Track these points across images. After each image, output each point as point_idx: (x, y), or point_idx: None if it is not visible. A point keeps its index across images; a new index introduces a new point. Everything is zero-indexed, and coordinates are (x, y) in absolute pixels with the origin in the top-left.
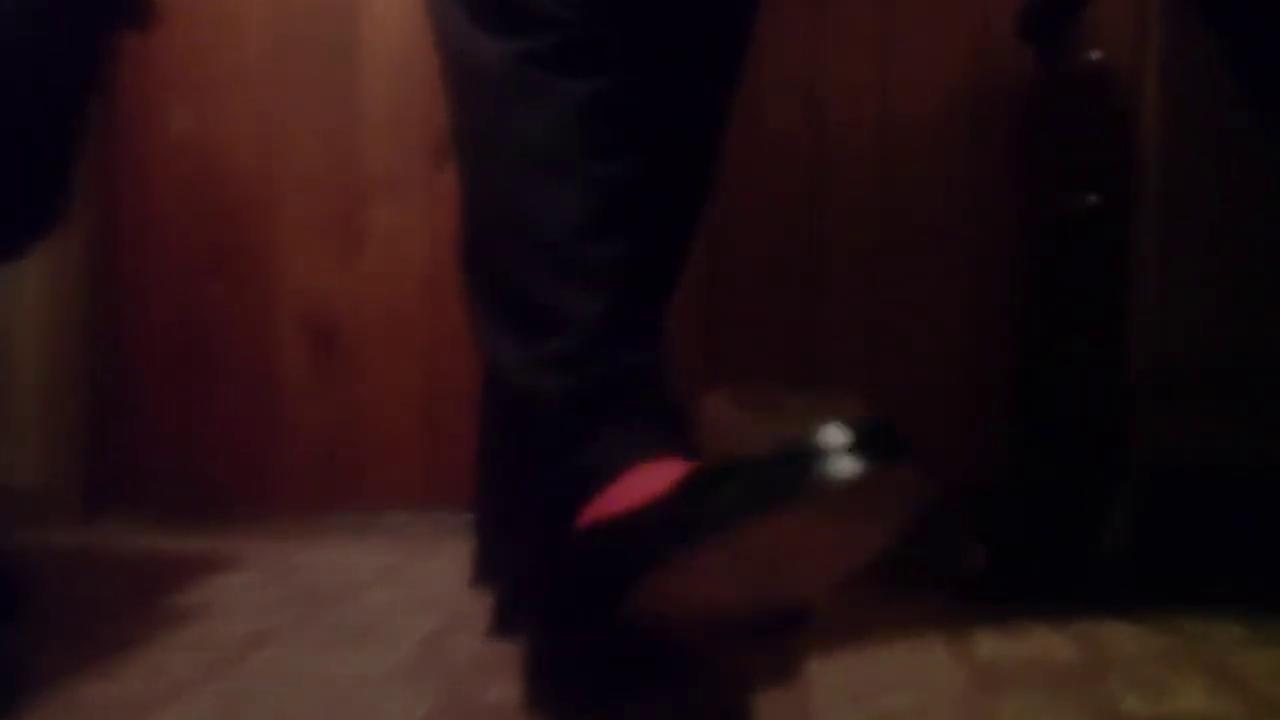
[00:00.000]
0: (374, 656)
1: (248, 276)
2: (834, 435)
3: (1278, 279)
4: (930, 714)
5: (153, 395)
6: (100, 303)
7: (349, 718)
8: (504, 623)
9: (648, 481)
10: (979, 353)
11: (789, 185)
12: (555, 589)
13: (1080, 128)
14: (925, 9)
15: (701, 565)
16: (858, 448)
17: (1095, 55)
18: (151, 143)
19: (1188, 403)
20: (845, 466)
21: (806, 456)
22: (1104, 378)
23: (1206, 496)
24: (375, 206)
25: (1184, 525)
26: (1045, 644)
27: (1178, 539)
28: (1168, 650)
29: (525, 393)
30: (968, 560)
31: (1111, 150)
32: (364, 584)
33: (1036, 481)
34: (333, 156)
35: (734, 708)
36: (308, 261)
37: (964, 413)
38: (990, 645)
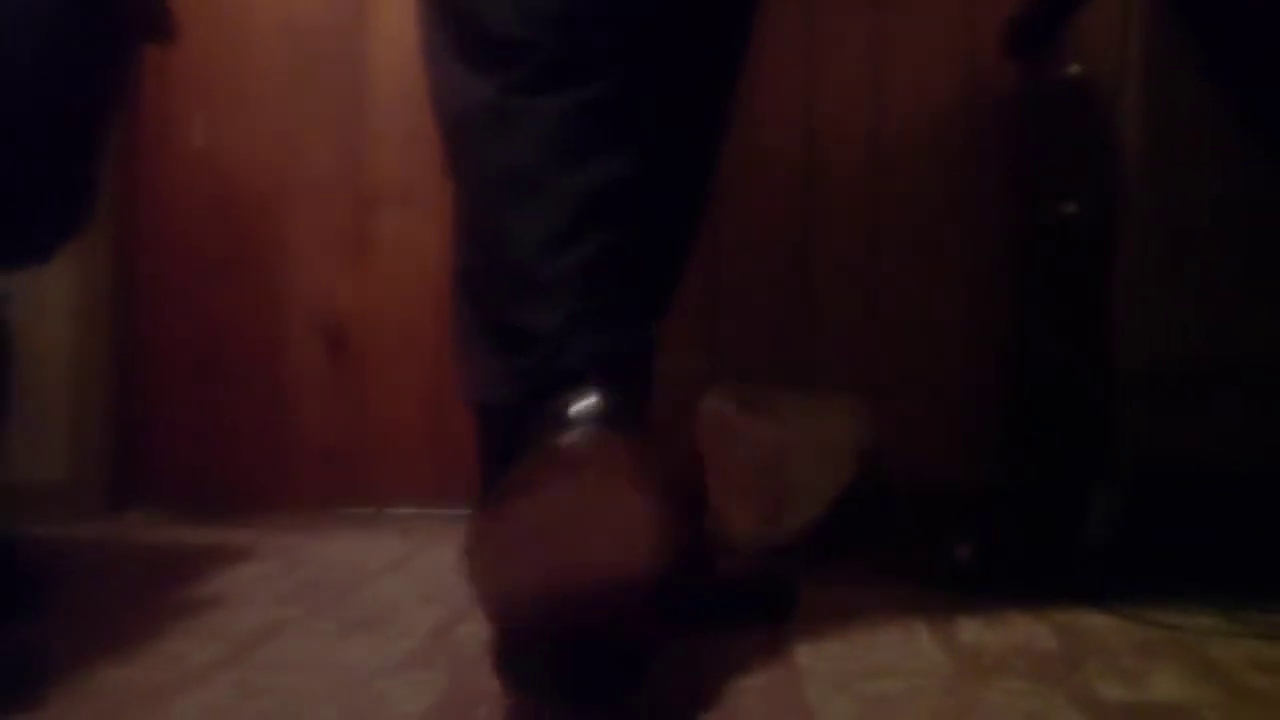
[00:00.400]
0: (384, 645)
1: (262, 281)
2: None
3: (1256, 283)
4: (918, 700)
5: (172, 395)
6: (122, 306)
7: (359, 704)
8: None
9: None
10: (969, 355)
11: (783, 193)
12: None
13: (1063, 139)
14: (916, 22)
15: (503, 543)
16: (585, 420)
17: (1076, 69)
18: (170, 153)
19: (1169, 404)
20: (576, 431)
21: (552, 424)
22: (1089, 380)
23: (1186, 495)
24: (385, 214)
25: (1165, 522)
26: (1028, 634)
27: (1158, 535)
28: (1147, 641)
29: (489, 404)
30: (956, 556)
31: (1094, 160)
32: (373, 575)
33: (1024, 479)
34: (344, 165)
35: (727, 697)
36: (319, 267)
37: (955, 413)
38: (975, 635)
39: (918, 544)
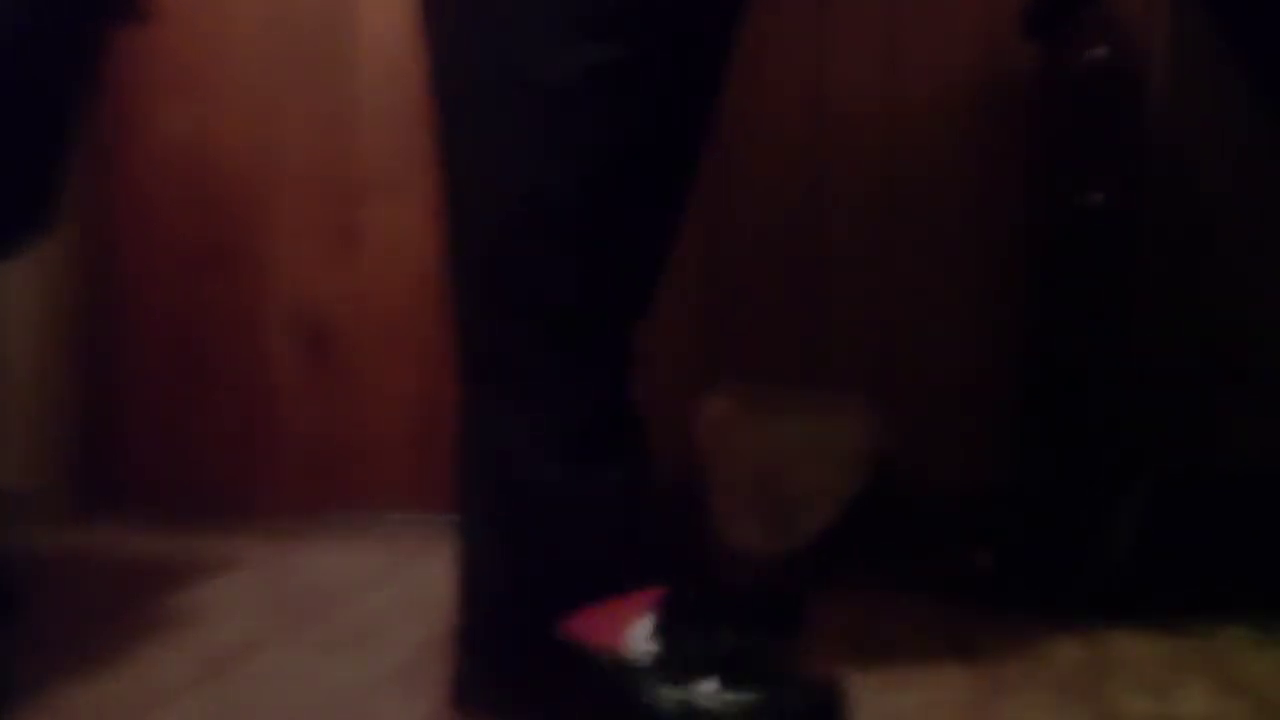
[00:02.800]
0: (368, 660)
1: (242, 276)
2: None
3: None
4: (935, 714)
5: (146, 396)
6: (93, 303)
7: None
8: (465, 694)
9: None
10: (984, 352)
11: (793, 182)
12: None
13: (1086, 125)
14: (931, 5)
15: None
16: None
17: (1101, 51)
18: (146, 141)
19: (1195, 404)
20: None
21: None
22: (1110, 379)
23: (1213, 498)
24: (370, 206)
25: (1189, 528)
26: (1050, 646)
27: (1183, 541)
28: (1172, 653)
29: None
30: (975, 563)
31: (1117, 147)
32: (358, 587)
33: (1042, 484)
34: (328, 155)
35: None
36: (302, 261)
37: (970, 413)
38: (995, 647)
39: (931, 551)
